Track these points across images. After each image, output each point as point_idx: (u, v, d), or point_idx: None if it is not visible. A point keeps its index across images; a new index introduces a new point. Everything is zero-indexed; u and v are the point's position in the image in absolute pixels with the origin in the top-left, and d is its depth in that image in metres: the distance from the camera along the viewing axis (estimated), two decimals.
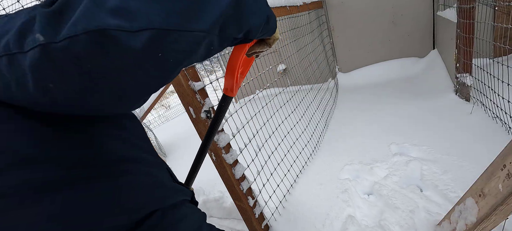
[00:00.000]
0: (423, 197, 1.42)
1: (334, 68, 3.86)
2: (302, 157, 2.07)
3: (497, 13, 2.16)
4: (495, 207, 0.79)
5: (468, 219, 0.91)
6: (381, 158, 1.84)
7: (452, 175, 1.48)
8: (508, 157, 0.74)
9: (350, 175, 1.79)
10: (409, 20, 3.19)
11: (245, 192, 1.34)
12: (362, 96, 3.09)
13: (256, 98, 2.12)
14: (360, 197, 1.58)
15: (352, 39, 3.62)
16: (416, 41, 3.28)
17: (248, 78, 1.91)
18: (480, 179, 0.88)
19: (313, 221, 1.48)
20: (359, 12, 3.38)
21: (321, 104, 2.90)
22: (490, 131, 1.69)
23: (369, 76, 3.54)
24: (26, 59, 0.28)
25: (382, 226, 1.34)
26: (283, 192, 1.74)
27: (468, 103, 2.07)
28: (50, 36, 0.27)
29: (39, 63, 0.28)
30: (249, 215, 1.39)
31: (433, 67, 2.90)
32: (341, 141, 2.25)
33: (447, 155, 1.64)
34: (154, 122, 7.14)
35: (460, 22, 1.92)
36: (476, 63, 1.92)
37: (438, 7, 2.93)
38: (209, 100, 1.14)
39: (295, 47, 2.52)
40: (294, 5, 2.27)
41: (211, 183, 2.21)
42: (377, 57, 3.59)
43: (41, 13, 0.29)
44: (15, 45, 0.29)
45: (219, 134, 1.20)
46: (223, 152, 1.22)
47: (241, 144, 1.42)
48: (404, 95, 2.70)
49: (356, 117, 2.60)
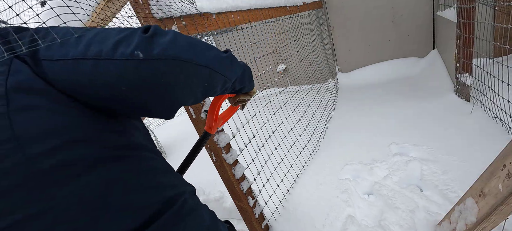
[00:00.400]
0: (423, 197, 1.42)
1: (334, 68, 3.86)
2: (302, 157, 2.07)
3: (497, 13, 2.16)
4: (495, 207, 0.79)
5: (468, 219, 0.91)
6: (381, 158, 1.84)
7: (452, 175, 1.48)
8: (508, 157, 0.74)
9: (350, 175, 1.79)
10: (409, 20, 3.19)
11: (245, 192, 1.34)
12: (362, 96, 3.09)
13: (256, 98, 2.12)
14: (360, 197, 1.58)
15: (352, 39, 3.62)
16: (416, 41, 3.28)
17: None
18: (480, 179, 0.88)
19: (313, 221, 1.48)
20: (359, 12, 3.38)
21: (321, 104, 2.90)
22: (490, 131, 1.69)
23: (369, 76, 3.54)
24: (115, 65, 0.39)
25: (382, 226, 1.34)
26: (283, 192, 1.74)
27: (468, 103, 2.07)
28: (147, 54, 0.40)
29: (130, 71, 0.40)
30: (249, 215, 1.39)
31: (433, 67, 2.90)
32: (341, 141, 2.25)
33: (447, 155, 1.64)
34: (154, 121, 7.12)
35: (460, 22, 1.92)
36: (476, 63, 1.92)
37: (438, 7, 2.93)
38: (209, 100, 1.14)
39: (295, 47, 2.52)
40: (294, 5, 2.27)
41: (211, 183, 2.21)
42: (377, 57, 3.58)
43: (140, 36, 0.41)
44: (108, 54, 0.39)
45: (219, 134, 1.20)
46: (223, 152, 1.22)
47: (241, 144, 1.42)
48: (404, 96, 2.70)
49: (356, 117, 2.60)
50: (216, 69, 0.54)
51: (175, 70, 0.45)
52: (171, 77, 0.45)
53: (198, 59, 0.49)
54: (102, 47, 0.39)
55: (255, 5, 1.55)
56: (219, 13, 1.23)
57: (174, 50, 0.44)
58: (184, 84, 0.48)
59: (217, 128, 0.79)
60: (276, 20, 1.94)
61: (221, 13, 1.25)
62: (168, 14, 0.94)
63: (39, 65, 0.38)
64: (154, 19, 0.92)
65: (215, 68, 0.53)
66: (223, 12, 1.26)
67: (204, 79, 0.52)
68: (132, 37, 0.41)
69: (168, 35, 0.44)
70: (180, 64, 0.45)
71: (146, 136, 0.53)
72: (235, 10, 1.35)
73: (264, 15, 1.69)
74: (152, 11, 0.91)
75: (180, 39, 0.46)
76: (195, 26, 1.07)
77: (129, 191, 0.42)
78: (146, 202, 0.43)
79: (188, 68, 0.47)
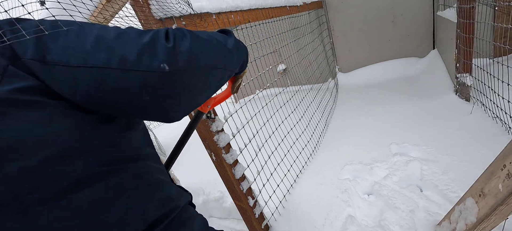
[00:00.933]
0: (423, 197, 1.42)
1: (334, 68, 3.86)
2: (302, 157, 2.07)
3: (497, 13, 2.16)
4: (495, 207, 0.79)
5: (468, 219, 0.91)
6: (381, 158, 1.84)
7: (452, 175, 1.48)
8: (508, 157, 0.74)
9: (350, 175, 1.78)
10: (409, 20, 3.19)
11: (245, 192, 1.34)
12: (362, 96, 3.09)
13: (256, 98, 2.11)
14: (360, 197, 1.57)
15: (352, 39, 3.61)
16: (416, 41, 3.27)
17: (248, 78, 1.91)
18: (480, 179, 0.88)
19: (313, 221, 1.48)
20: (359, 12, 3.38)
21: (321, 104, 2.90)
22: (490, 131, 1.69)
23: (369, 76, 3.54)
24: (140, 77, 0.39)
25: (382, 226, 1.34)
26: (283, 192, 1.74)
27: (468, 103, 2.07)
28: (172, 66, 0.41)
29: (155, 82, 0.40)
30: (249, 215, 1.39)
31: (433, 67, 2.90)
32: (341, 141, 2.25)
33: (447, 155, 1.64)
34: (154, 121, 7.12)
35: (460, 22, 1.92)
36: (476, 63, 1.92)
37: (438, 7, 2.93)
38: None
39: (295, 47, 2.52)
40: (294, 5, 2.27)
41: (211, 183, 2.21)
42: (377, 57, 3.58)
43: (164, 47, 0.41)
44: (133, 65, 0.38)
45: (219, 134, 1.20)
46: (223, 152, 1.22)
47: (241, 144, 1.42)
48: (404, 95, 2.70)
49: (356, 117, 2.60)
50: (228, 67, 0.56)
51: (197, 78, 0.47)
52: (193, 83, 0.46)
53: (215, 61, 0.51)
54: (126, 55, 0.38)
55: (255, 5, 1.55)
56: (219, 13, 1.23)
57: (196, 57, 0.45)
58: (202, 88, 0.50)
59: (209, 107, 0.82)
60: (276, 20, 1.94)
61: (221, 13, 1.25)
62: (168, 14, 0.94)
63: (49, 71, 0.35)
64: (154, 19, 0.92)
65: (227, 67, 0.55)
66: (223, 12, 1.26)
67: (218, 78, 0.54)
68: (156, 47, 0.40)
69: (186, 39, 0.44)
70: (201, 71, 0.47)
71: (146, 136, 0.53)
72: (235, 10, 1.35)
73: (264, 15, 1.69)
74: (152, 11, 0.91)
75: (196, 42, 0.46)
76: (195, 26, 1.07)
77: (118, 210, 0.40)
78: (136, 221, 0.42)
79: (207, 73, 0.49)
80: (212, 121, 1.15)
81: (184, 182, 2.38)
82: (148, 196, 0.45)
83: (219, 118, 1.20)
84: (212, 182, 2.20)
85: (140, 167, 0.46)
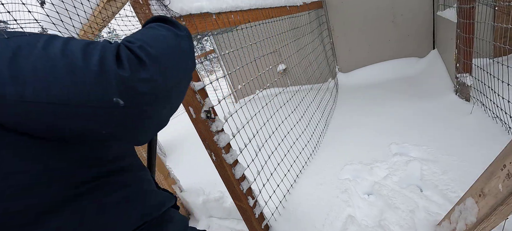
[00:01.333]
0: (423, 197, 1.42)
1: (334, 68, 3.86)
2: (302, 157, 2.07)
3: (497, 13, 2.16)
4: (495, 207, 0.79)
5: (468, 219, 0.91)
6: (381, 158, 1.84)
7: (452, 175, 1.48)
8: (508, 157, 0.74)
9: (350, 175, 1.79)
10: (409, 20, 3.19)
11: (245, 192, 1.34)
12: (362, 96, 3.09)
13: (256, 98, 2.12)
14: (360, 197, 1.57)
15: (352, 39, 3.61)
16: (416, 41, 3.28)
17: (248, 78, 1.91)
18: (480, 179, 0.88)
19: (313, 221, 1.48)
20: (359, 12, 3.38)
21: (321, 104, 2.90)
22: (490, 131, 1.69)
23: (369, 76, 3.54)
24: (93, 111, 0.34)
25: (382, 226, 1.34)
26: (283, 192, 1.74)
27: (468, 103, 2.07)
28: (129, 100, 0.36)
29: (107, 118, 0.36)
30: (249, 215, 1.39)
31: (433, 67, 2.90)
32: (341, 141, 2.25)
33: (447, 155, 1.64)
34: None
35: (460, 22, 1.92)
36: (476, 63, 1.92)
37: (438, 7, 2.93)
38: (209, 100, 1.14)
39: (295, 47, 2.52)
40: (294, 5, 2.27)
41: (211, 183, 2.21)
42: (377, 57, 3.58)
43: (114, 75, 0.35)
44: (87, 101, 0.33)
45: (219, 134, 1.20)
46: (223, 152, 1.22)
47: (241, 144, 1.42)
48: (404, 95, 2.70)
49: (356, 117, 2.60)
50: (191, 74, 0.52)
51: (162, 104, 0.42)
52: (157, 110, 0.41)
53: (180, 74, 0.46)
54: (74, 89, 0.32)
55: (255, 5, 1.55)
56: (219, 13, 1.23)
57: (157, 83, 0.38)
58: (170, 109, 0.47)
59: None
60: (276, 20, 1.94)
61: (221, 13, 1.25)
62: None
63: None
64: None
65: (190, 75, 0.51)
66: (223, 12, 1.26)
67: (184, 91, 0.51)
68: (107, 75, 0.34)
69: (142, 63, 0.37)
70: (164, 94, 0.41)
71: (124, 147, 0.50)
72: (235, 10, 1.35)
73: (264, 15, 1.69)
74: (152, 11, 0.91)
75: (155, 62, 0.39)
76: (195, 26, 1.07)
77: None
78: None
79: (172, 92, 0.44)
80: (212, 121, 1.15)
81: (184, 182, 2.38)
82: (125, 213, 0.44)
83: (219, 118, 1.20)
84: (212, 182, 2.20)
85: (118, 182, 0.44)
